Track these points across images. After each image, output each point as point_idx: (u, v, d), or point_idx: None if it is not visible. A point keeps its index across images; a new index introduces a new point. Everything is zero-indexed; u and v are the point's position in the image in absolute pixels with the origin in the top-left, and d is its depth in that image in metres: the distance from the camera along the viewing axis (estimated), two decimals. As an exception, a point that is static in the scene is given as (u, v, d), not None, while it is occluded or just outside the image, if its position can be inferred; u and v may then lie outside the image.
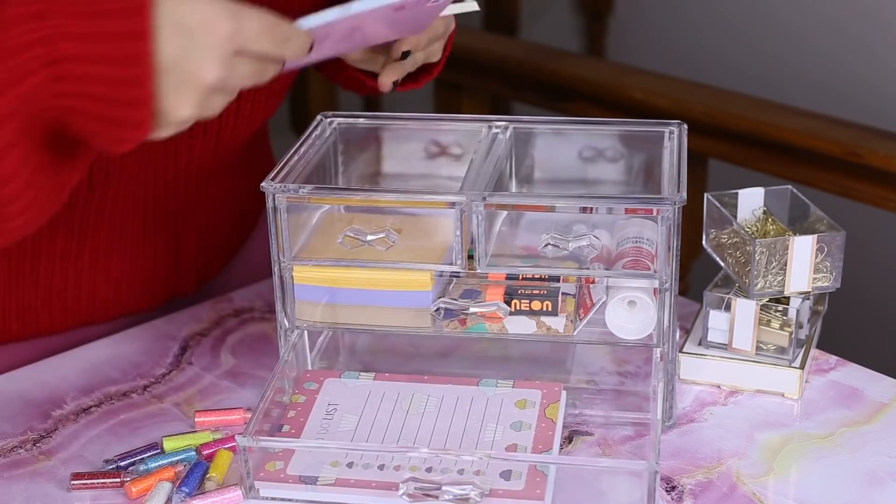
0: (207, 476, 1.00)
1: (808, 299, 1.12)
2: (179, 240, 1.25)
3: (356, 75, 1.20)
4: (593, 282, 1.05)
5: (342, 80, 1.28)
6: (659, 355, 1.04)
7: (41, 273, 1.16)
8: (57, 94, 0.83)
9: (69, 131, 0.87)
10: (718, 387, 1.13)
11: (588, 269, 1.04)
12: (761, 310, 1.11)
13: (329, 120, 1.18)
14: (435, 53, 1.16)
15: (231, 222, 1.31)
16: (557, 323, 1.03)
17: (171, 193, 1.20)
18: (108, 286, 1.21)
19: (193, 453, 1.03)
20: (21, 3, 0.81)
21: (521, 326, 1.04)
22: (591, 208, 1.01)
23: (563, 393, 1.06)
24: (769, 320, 1.11)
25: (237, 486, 0.99)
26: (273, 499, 0.98)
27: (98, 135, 0.85)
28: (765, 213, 1.16)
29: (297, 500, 0.98)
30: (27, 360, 1.18)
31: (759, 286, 1.10)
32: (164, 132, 0.87)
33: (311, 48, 0.92)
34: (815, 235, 1.09)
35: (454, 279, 1.05)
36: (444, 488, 0.94)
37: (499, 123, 1.15)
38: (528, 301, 1.03)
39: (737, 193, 1.16)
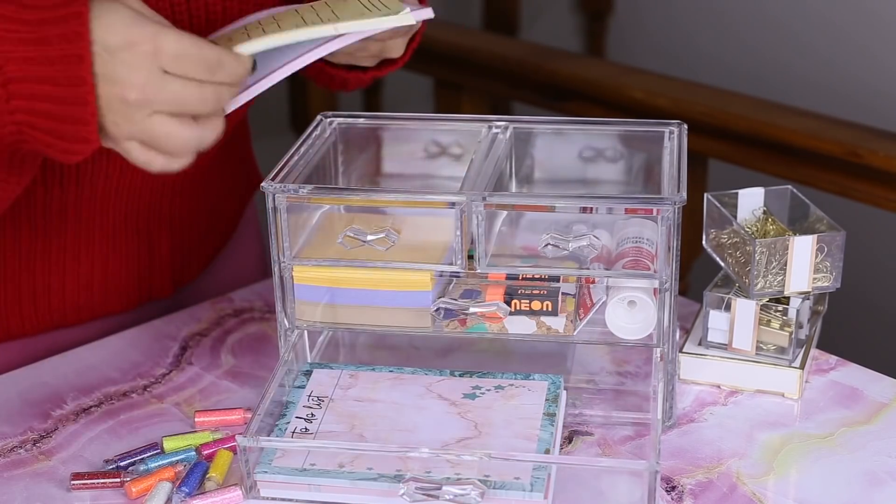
0: (207, 476, 1.00)
1: (808, 299, 1.12)
2: (152, 241, 1.24)
3: (330, 71, 1.21)
4: (593, 282, 1.05)
5: (313, 75, 1.29)
6: (659, 355, 1.04)
7: (7, 274, 1.16)
8: (10, 111, 0.88)
9: (23, 145, 0.92)
10: (718, 387, 1.13)
11: (588, 269, 1.04)
12: (761, 310, 1.11)
13: (329, 120, 1.18)
14: (397, 49, 1.15)
15: (207, 224, 1.30)
16: (557, 323, 1.03)
17: (143, 194, 1.19)
18: (78, 287, 1.20)
19: (193, 453, 1.03)
20: None
21: (521, 326, 1.04)
22: (591, 208, 1.01)
23: (563, 392, 1.06)
24: (769, 320, 1.11)
25: (237, 486, 0.99)
26: (273, 499, 0.98)
27: (50, 147, 0.91)
28: (765, 213, 1.16)
29: (297, 500, 0.98)
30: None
31: (759, 286, 1.10)
32: (110, 144, 0.92)
33: (253, 68, 0.94)
34: (815, 235, 1.09)
35: (454, 279, 1.05)
36: (444, 488, 0.94)
37: (499, 123, 1.15)
38: (528, 301, 1.03)
39: (737, 193, 1.16)
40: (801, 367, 1.11)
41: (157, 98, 0.89)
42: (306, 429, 1.01)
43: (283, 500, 0.98)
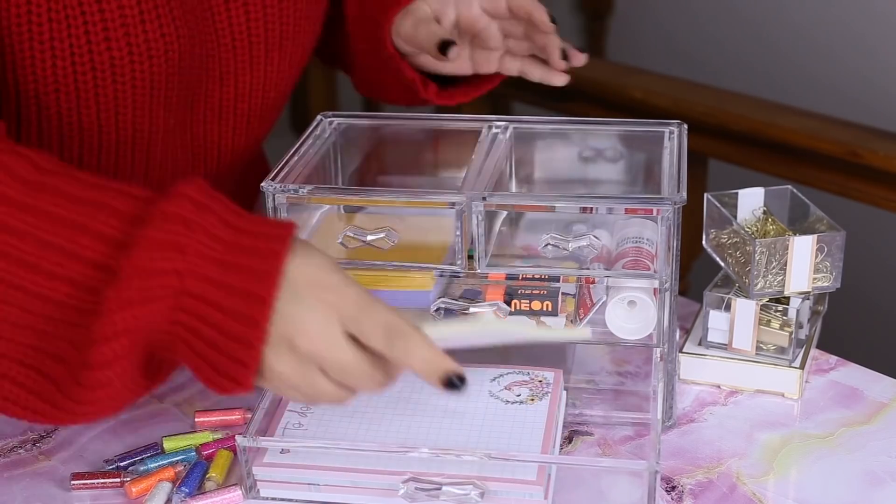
0: (207, 476, 1.00)
1: (808, 299, 1.12)
2: None
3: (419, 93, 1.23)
4: (593, 282, 1.05)
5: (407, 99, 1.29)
6: (659, 355, 1.04)
7: None
8: (173, 322, 0.83)
9: (170, 355, 0.87)
10: (718, 387, 1.13)
11: (588, 269, 1.04)
12: (761, 310, 1.11)
13: (329, 120, 1.18)
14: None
15: None
16: (557, 323, 1.03)
17: None
18: None
19: (193, 453, 1.03)
20: (162, 229, 0.82)
21: (521, 326, 1.04)
22: (591, 208, 1.01)
23: (563, 392, 1.06)
24: (769, 320, 1.11)
25: (237, 486, 0.99)
26: (273, 499, 0.98)
27: (199, 371, 0.86)
28: (765, 213, 1.16)
29: (297, 500, 0.98)
30: None
31: (759, 286, 1.10)
32: (261, 384, 0.87)
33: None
34: (815, 235, 1.09)
35: (454, 279, 1.05)
36: (444, 489, 0.94)
37: (499, 123, 1.15)
38: (528, 301, 1.03)
39: (737, 193, 1.16)
40: (801, 367, 1.11)
41: (330, 357, 0.84)
42: (300, 423, 1.01)
43: (283, 500, 0.98)
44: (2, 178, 0.85)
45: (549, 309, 1.03)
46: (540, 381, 1.05)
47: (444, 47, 1.13)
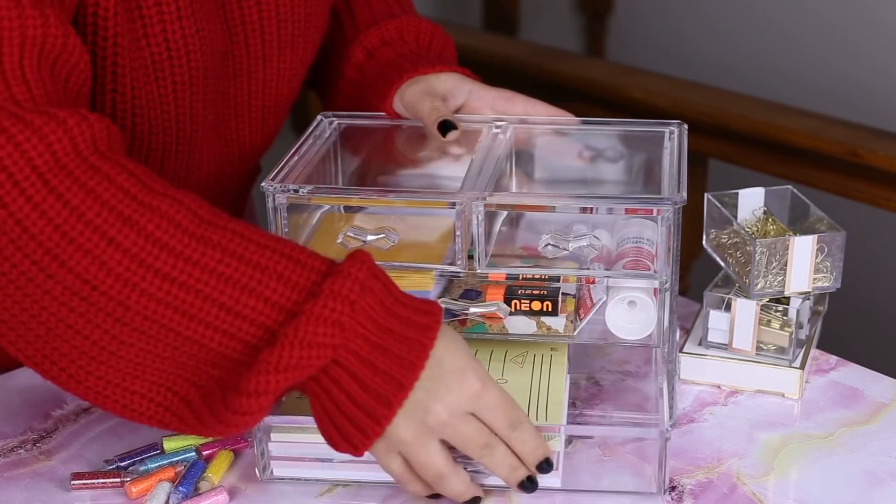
0: (203, 476, 1.00)
1: (809, 299, 1.12)
2: None
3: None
4: (593, 282, 1.05)
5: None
6: (660, 359, 1.04)
7: None
8: (315, 382, 0.89)
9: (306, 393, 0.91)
10: (718, 387, 1.13)
11: (588, 269, 1.04)
12: (761, 310, 1.11)
13: (329, 120, 1.18)
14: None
15: None
16: (557, 323, 1.03)
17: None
18: None
19: (193, 453, 1.03)
20: (328, 307, 0.87)
21: (521, 326, 1.04)
22: (591, 208, 1.01)
23: (567, 377, 1.06)
24: (769, 320, 1.11)
25: (222, 488, 0.98)
26: (289, 478, 0.98)
27: (321, 424, 0.91)
28: (765, 213, 1.16)
29: (310, 479, 0.98)
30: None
31: (759, 286, 1.10)
32: (378, 447, 0.92)
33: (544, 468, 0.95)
34: (816, 235, 1.09)
35: (454, 279, 1.05)
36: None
37: (499, 123, 1.15)
38: (528, 301, 1.03)
39: (737, 193, 1.16)
40: (802, 367, 1.11)
41: (452, 432, 0.91)
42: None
43: (293, 480, 0.98)
44: (165, 227, 0.87)
45: (549, 309, 1.03)
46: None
47: (445, 129, 1.13)
